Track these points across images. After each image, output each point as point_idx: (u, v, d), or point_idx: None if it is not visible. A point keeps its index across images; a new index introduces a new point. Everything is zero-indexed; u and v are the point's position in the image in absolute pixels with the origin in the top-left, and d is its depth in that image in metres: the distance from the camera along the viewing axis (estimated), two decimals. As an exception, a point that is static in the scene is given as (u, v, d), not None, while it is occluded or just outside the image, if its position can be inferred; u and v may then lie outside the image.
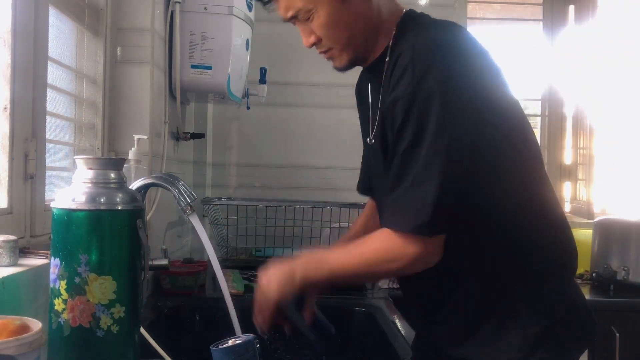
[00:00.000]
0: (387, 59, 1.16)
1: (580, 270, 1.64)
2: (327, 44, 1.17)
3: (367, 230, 1.42)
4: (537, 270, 1.17)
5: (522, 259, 1.16)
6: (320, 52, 1.21)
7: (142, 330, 1.15)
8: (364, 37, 1.17)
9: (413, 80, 1.05)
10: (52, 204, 1.01)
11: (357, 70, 1.54)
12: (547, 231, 1.19)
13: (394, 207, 1.09)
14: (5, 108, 1.23)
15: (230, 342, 1.11)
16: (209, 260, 2.38)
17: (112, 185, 1.02)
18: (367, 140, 1.24)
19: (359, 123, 1.44)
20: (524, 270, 1.16)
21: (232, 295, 1.93)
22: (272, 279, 1.18)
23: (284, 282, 1.17)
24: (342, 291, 2.07)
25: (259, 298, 1.21)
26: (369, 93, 1.26)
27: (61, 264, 0.98)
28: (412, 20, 1.19)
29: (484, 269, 1.15)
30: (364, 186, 1.44)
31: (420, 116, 1.05)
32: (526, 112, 1.19)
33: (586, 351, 1.24)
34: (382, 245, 1.12)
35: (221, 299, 1.27)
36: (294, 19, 1.17)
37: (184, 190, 1.23)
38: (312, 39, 1.17)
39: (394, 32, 1.17)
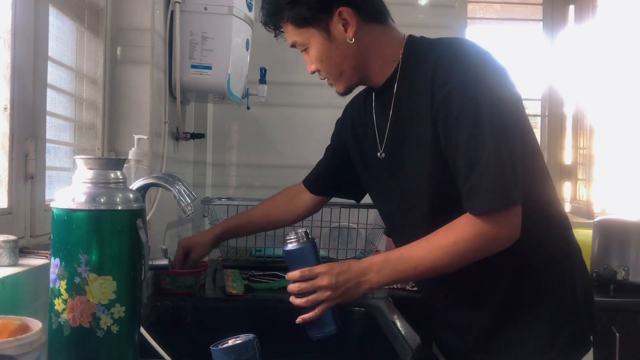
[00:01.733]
0: (397, 81, 1.25)
1: (580, 270, 1.69)
2: (323, 74, 1.31)
3: (270, 211, 1.69)
4: (558, 264, 1.24)
5: (546, 253, 1.23)
6: (321, 79, 1.34)
7: (142, 330, 1.15)
8: (355, 71, 1.28)
9: (463, 73, 1.13)
10: (52, 204, 1.01)
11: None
12: (565, 229, 1.28)
13: (477, 190, 1.11)
14: (5, 108, 1.23)
15: (230, 342, 1.11)
16: (209, 260, 2.39)
17: (112, 185, 1.02)
18: (378, 154, 1.31)
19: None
20: (546, 264, 1.23)
21: (232, 295, 1.94)
22: (340, 277, 1.17)
23: (351, 286, 1.17)
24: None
25: (315, 282, 1.18)
26: (373, 113, 1.34)
27: (61, 264, 0.98)
28: (420, 40, 1.28)
29: (514, 264, 1.20)
30: (319, 185, 1.62)
31: (478, 105, 1.11)
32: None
33: (591, 351, 1.26)
34: (473, 229, 1.13)
35: (221, 299, 1.27)
36: (294, 46, 1.33)
37: (184, 190, 1.23)
38: (312, 67, 1.31)
39: (400, 57, 1.25)
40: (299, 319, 1.21)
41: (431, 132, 1.17)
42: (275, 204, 1.70)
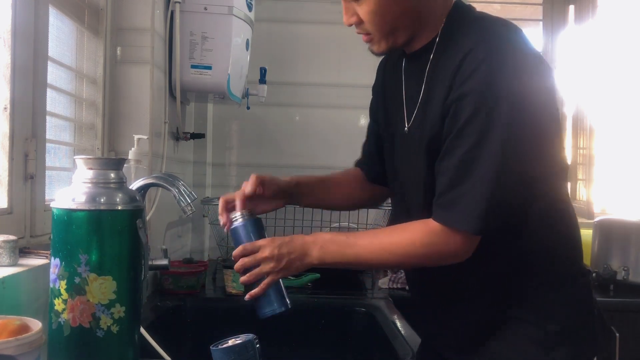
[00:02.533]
0: (434, 50, 1.14)
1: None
2: (368, 29, 1.15)
3: (342, 191, 1.39)
4: (560, 269, 1.18)
5: (545, 258, 1.17)
6: (358, 33, 1.18)
7: (142, 330, 1.15)
8: (408, 30, 1.15)
9: (486, 78, 1.04)
10: (52, 204, 1.01)
11: (357, 70, 1.54)
12: (568, 231, 1.21)
13: (455, 205, 1.07)
14: (5, 108, 1.23)
15: (230, 342, 1.11)
16: (209, 260, 2.38)
17: (112, 185, 1.02)
18: (405, 129, 1.21)
19: (359, 123, 1.43)
20: (547, 268, 1.17)
21: (232, 295, 1.94)
22: (283, 253, 1.13)
23: (295, 257, 1.13)
24: (342, 291, 2.07)
25: (257, 255, 1.14)
26: (402, 81, 1.23)
27: (61, 264, 0.98)
28: (465, 13, 1.16)
29: (507, 268, 1.16)
30: (374, 171, 1.38)
31: (489, 116, 1.04)
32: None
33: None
34: (425, 237, 1.10)
35: (221, 299, 1.27)
36: None
37: (184, 190, 1.23)
38: (354, 19, 1.15)
39: (442, 24, 1.15)
40: (247, 296, 1.17)
41: (441, 121, 1.11)
42: (348, 183, 1.43)
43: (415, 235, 1.12)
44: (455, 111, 1.07)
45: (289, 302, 1.19)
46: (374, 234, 1.22)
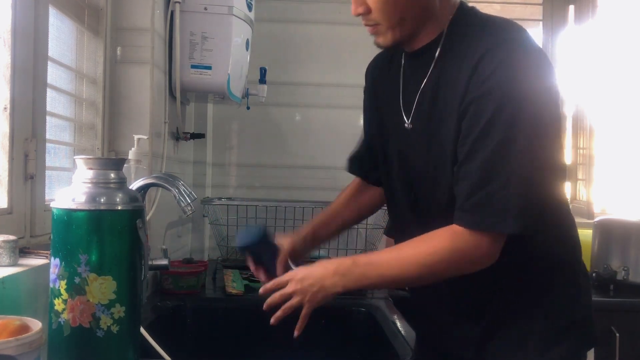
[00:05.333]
0: (439, 48, 1.14)
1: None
2: (375, 19, 1.14)
3: (348, 209, 1.44)
4: (560, 268, 1.19)
5: (546, 257, 1.18)
6: (366, 25, 1.17)
7: (142, 330, 1.15)
8: (415, 22, 1.14)
9: (507, 78, 1.04)
10: (52, 204, 1.01)
11: (357, 70, 1.54)
12: (567, 230, 1.23)
13: (486, 207, 1.05)
14: (5, 108, 1.23)
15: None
16: (209, 260, 2.39)
17: (112, 185, 1.02)
18: (405, 125, 1.20)
19: (359, 123, 1.43)
20: (548, 267, 1.18)
21: (232, 295, 1.94)
22: (305, 287, 1.15)
23: (317, 290, 1.15)
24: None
25: (283, 292, 1.18)
26: (400, 79, 1.23)
27: (61, 264, 0.98)
28: (471, 14, 1.17)
29: (508, 267, 1.15)
30: (375, 174, 1.38)
31: (512, 116, 1.03)
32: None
33: (592, 349, 1.25)
34: (450, 244, 1.08)
35: (221, 299, 1.27)
36: None
37: (184, 190, 1.23)
38: (362, 9, 1.14)
39: (448, 23, 1.15)
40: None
41: (456, 121, 1.09)
42: (349, 196, 1.46)
43: (439, 242, 1.09)
44: (475, 112, 1.06)
45: None
46: (397, 248, 1.18)
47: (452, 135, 1.10)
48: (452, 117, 1.10)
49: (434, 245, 1.10)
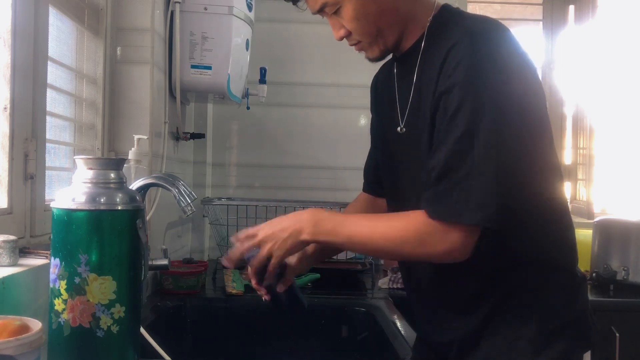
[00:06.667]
0: (422, 49, 1.14)
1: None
2: (356, 38, 1.16)
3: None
4: (556, 266, 1.18)
5: (542, 255, 1.16)
6: (350, 45, 1.20)
7: (142, 330, 1.15)
8: (393, 29, 1.15)
9: (471, 69, 1.04)
10: (52, 204, 1.01)
11: (357, 70, 1.55)
12: (562, 231, 1.21)
13: (447, 197, 1.05)
14: (5, 108, 1.23)
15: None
16: (209, 260, 2.39)
17: (112, 185, 1.02)
18: (397, 129, 1.20)
19: (359, 123, 1.43)
20: (542, 266, 1.17)
21: (232, 295, 1.94)
22: (276, 232, 1.14)
23: (288, 235, 1.13)
24: (342, 291, 2.07)
25: (255, 240, 1.16)
26: (395, 83, 1.24)
27: (61, 264, 0.98)
28: (452, 13, 1.17)
29: (502, 268, 1.14)
30: (373, 186, 1.40)
31: (476, 107, 1.03)
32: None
33: (589, 352, 1.24)
34: (420, 227, 1.08)
35: (221, 299, 1.27)
36: (321, 12, 1.17)
37: (184, 190, 1.23)
38: (342, 32, 1.17)
39: (428, 24, 1.15)
40: (265, 297, 1.22)
41: (430, 119, 1.10)
42: (358, 209, 1.46)
43: (410, 222, 1.10)
44: (444, 105, 1.06)
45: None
46: (374, 217, 1.20)
47: (426, 128, 1.11)
48: (427, 113, 1.11)
49: (405, 224, 1.10)
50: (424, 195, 1.09)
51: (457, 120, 1.04)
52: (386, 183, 1.33)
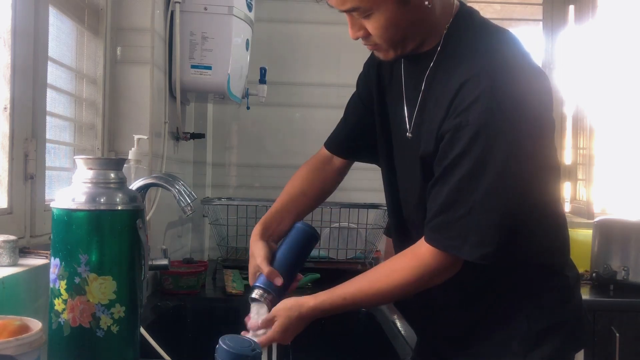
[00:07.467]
0: (435, 56, 1.14)
1: (580, 270, 1.64)
2: (375, 41, 1.13)
3: (305, 187, 1.43)
4: (547, 268, 1.19)
5: (534, 259, 1.17)
6: (365, 44, 1.17)
7: (142, 330, 1.15)
8: (415, 38, 1.14)
9: (486, 111, 1.03)
10: (52, 204, 1.01)
11: (357, 70, 1.54)
12: (560, 232, 1.22)
13: (450, 231, 1.08)
14: (5, 108, 1.23)
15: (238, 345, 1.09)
16: (209, 260, 2.39)
17: (112, 185, 1.02)
18: (407, 135, 1.20)
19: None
20: (535, 269, 1.18)
21: (232, 295, 1.94)
22: (287, 333, 1.26)
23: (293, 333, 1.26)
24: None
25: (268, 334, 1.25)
26: (402, 80, 1.22)
27: (61, 264, 0.98)
28: (467, 21, 1.15)
29: (496, 270, 1.14)
30: (338, 145, 1.44)
31: (487, 148, 1.03)
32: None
33: (582, 351, 1.25)
34: (418, 271, 1.12)
35: (221, 299, 1.28)
36: (347, 12, 1.12)
37: (184, 190, 1.23)
38: (361, 33, 1.13)
39: (445, 31, 1.14)
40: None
41: (435, 141, 1.10)
42: (307, 178, 1.46)
43: (405, 273, 1.14)
44: (452, 139, 1.06)
45: None
46: (367, 283, 1.21)
47: (430, 149, 1.12)
48: (431, 135, 1.11)
49: (399, 277, 1.14)
50: (426, 222, 1.11)
51: (463, 160, 1.05)
52: (385, 176, 1.33)
